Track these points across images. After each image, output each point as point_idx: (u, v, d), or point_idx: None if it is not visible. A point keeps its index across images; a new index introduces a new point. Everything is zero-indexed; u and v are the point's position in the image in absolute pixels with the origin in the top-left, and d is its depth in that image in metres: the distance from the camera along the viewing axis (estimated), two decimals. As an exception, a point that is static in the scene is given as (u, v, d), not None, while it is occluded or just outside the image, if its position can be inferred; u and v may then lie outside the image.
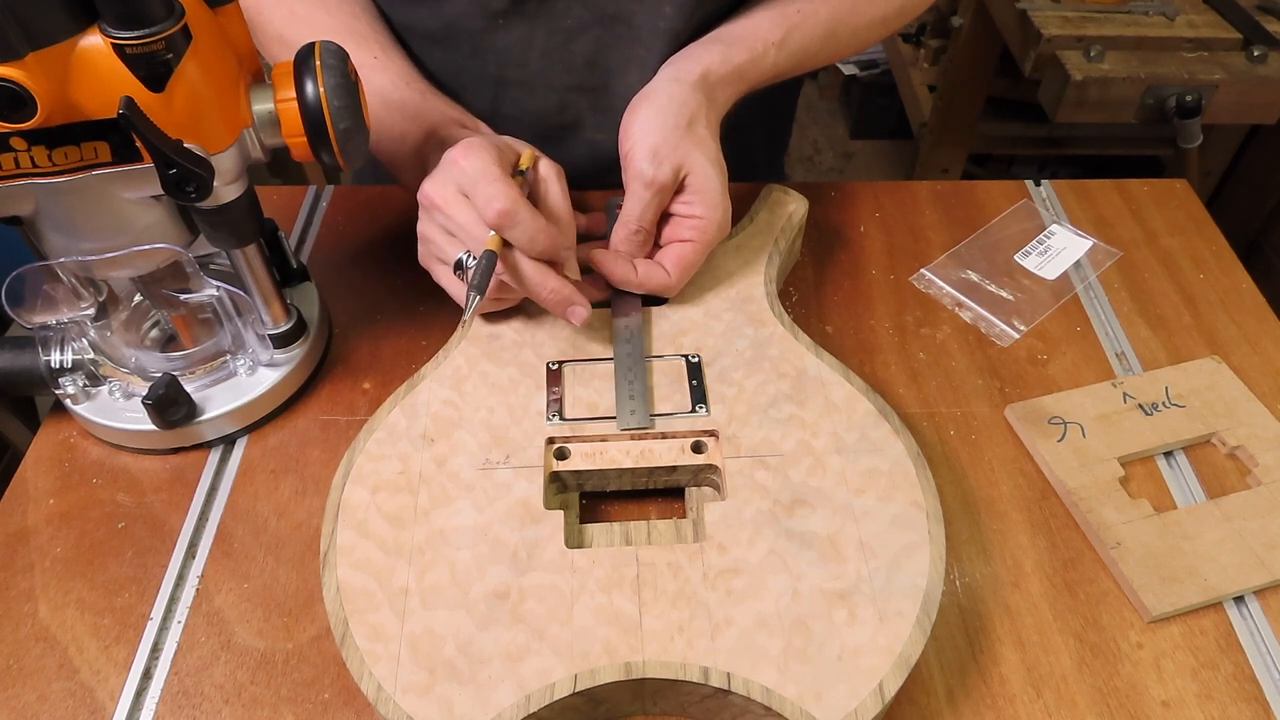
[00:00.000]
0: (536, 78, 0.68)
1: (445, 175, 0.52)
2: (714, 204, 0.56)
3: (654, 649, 0.42)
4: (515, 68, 0.67)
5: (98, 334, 0.54)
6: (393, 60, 0.62)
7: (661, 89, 0.58)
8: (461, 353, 0.54)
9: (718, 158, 0.57)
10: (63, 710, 0.45)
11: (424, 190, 0.53)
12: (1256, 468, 0.54)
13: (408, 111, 0.60)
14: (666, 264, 0.56)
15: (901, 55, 1.99)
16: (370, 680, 0.41)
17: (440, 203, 0.52)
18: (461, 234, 0.52)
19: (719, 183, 0.56)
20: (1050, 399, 0.57)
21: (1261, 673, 0.47)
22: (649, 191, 0.55)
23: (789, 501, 0.47)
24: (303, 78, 0.46)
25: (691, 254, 0.56)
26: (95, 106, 0.41)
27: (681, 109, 0.56)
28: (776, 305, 0.57)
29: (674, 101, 0.57)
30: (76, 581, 0.50)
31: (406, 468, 0.48)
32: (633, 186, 0.55)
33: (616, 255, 0.56)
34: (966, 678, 0.46)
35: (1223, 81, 1.20)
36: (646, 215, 0.56)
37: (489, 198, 0.49)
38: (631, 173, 0.55)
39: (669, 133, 0.55)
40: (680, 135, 0.56)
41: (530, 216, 0.50)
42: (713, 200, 0.56)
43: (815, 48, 0.63)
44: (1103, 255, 0.69)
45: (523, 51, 0.66)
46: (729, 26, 0.62)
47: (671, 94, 0.57)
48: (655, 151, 0.55)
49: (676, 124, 0.56)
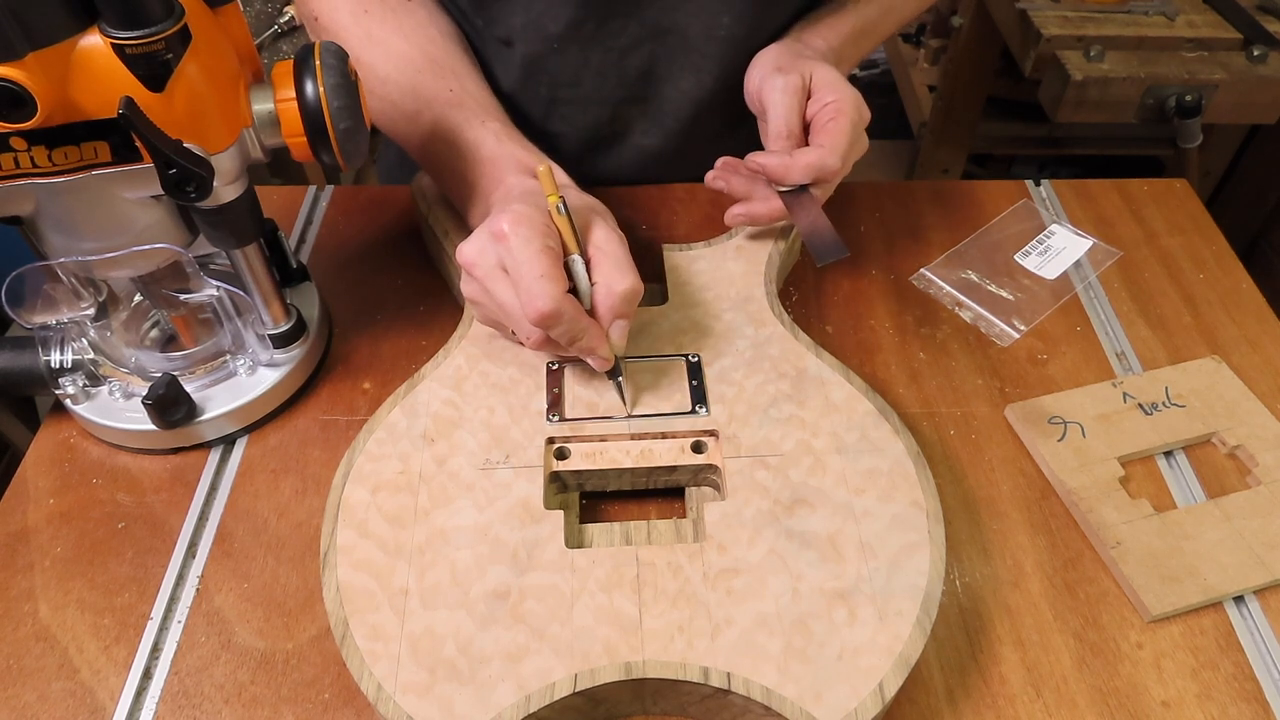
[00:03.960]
0: (590, 95, 0.68)
1: (489, 245, 0.48)
2: (843, 88, 0.58)
3: (654, 649, 0.42)
4: (567, 88, 0.67)
5: (98, 334, 0.54)
6: (468, 94, 0.60)
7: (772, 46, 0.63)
8: (461, 353, 0.54)
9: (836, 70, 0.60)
10: (63, 710, 0.45)
11: (463, 252, 0.49)
12: (1256, 468, 0.54)
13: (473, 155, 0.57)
14: (819, 141, 0.57)
15: (901, 55, 1.99)
16: (370, 680, 0.41)
17: (480, 275, 0.49)
18: (500, 313, 0.50)
19: (842, 77, 0.59)
20: (1050, 399, 0.57)
21: (1261, 673, 0.47)
22: (786, 95, 0.58)
23: (789, 501, 0.47)
24: (302, 78, 0.46)
25: (837, 128, 0.57)
26: (95, 106, 0.41)
27: (792, 46, 0.63)
28: (776, 305, 0.57)
29: (784, 45, 0.63)
30: (76, 581, 0.50)
31: (406, 468, 0.48)
32: (772, 98, 0.58)
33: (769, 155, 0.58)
34: (966, 678, 0.46)
35: (1223, 81, 1.20)
36: (792, 118, 0.58)
37: (532, 295, 0.46)
38: (765, 89, 0.59)
39: (785, 55, 0.61)
40: (795, 54, 0.61)
41: (574, 317, 0.47)
42: (841, 87, 0.58)
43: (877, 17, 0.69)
44: (1103, 255, 0.69)
45: (576, 72, 0.66)
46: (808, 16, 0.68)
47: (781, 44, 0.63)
48: (780, 66, 0.59)
49: (791, 52, 0.62)
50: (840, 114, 0.57)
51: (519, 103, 0.69)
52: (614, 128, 0.71)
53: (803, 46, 0.63)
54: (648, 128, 0.71)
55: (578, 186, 0.56)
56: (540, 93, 0.68)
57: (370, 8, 0.61)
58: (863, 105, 0.58)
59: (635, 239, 0.69)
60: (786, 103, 0.58)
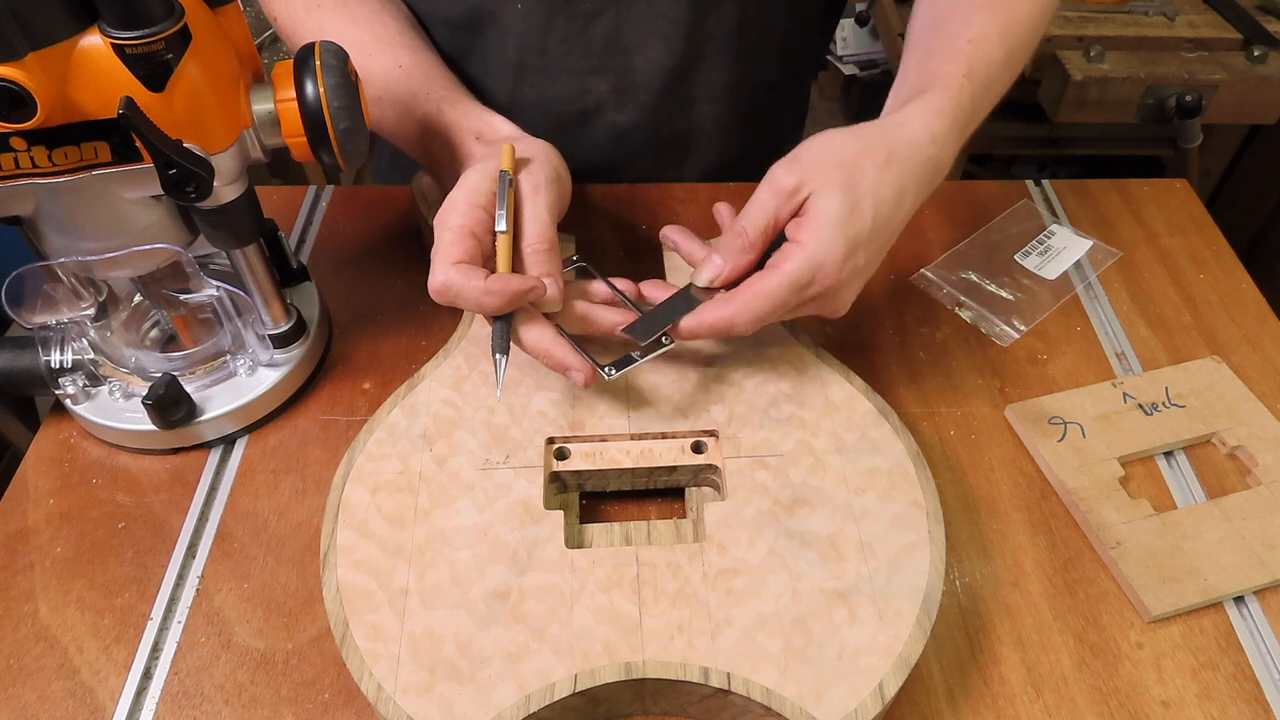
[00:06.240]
0: (555, 63, 0.67)
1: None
2: (819, 233, 0.46)
3: (654, 649, 0.42)
4: (534, 54, 0.67)
5: (98, 334, 0.54)
6: (418, 66, 0.60)
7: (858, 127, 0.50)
8: (461, 353, 0.54)
9: (860, 199, 0.47)
10: (63, 710, 0.45)
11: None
12: (1256, 468, 0.54)
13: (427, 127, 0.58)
14: (745, 291, 0.47)
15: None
16: (370, 680, 0.41)
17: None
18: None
19: (839, 217, 0.46)
20: (1050, 399, 0.57)
21: (1261, 673, 0.47)
22: (762, 188, 0.48)
23: (789, 501, 0.47)
24: (302, 78, 0.46)
25: (765, 283, 0.46)
26: (95, 106, 0.41)
27: (857, 140, 0.48)
28: (776, 305, 0.57)
29: (855, 133, 0.49)
30: (76, 581, 0.49)
31: (406, 468, 0.48)
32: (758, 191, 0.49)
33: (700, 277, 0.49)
34: (966, 678, 0.46)
35: (1223, 81, 1.20)
36: (751, 214, 0.48)
37: (430, 277, 0.46)
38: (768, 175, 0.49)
39: (820, 150, 0.48)
40: (829, 157, 0.48)
41: (465, 284, 0.45)
42: (819, 229, 0.46)
43: (998, 72, 0.54)
44: (1103, 255, 0.69)
45: (541, 37, 0.66)
46: (903, 80, 0.55)
47: (863, 130, 0.49)
48: (795, 159, 0.48)
49: (836, 147, 0.48)
50: (783, 268, 0.46)
51: (491, 72, 0.69)
52: (583, 102, 0.70)
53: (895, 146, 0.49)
54: (622, 102, 0.70)
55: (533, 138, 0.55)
56: (509, 57, 0.67)
57: (322, 2, 0.62)
58: (834, 267, 0.46)
59: (635, 239, 0.69)
60: (758, 197, 0.48)
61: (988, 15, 0.55)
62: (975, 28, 0.54)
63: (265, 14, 0.65)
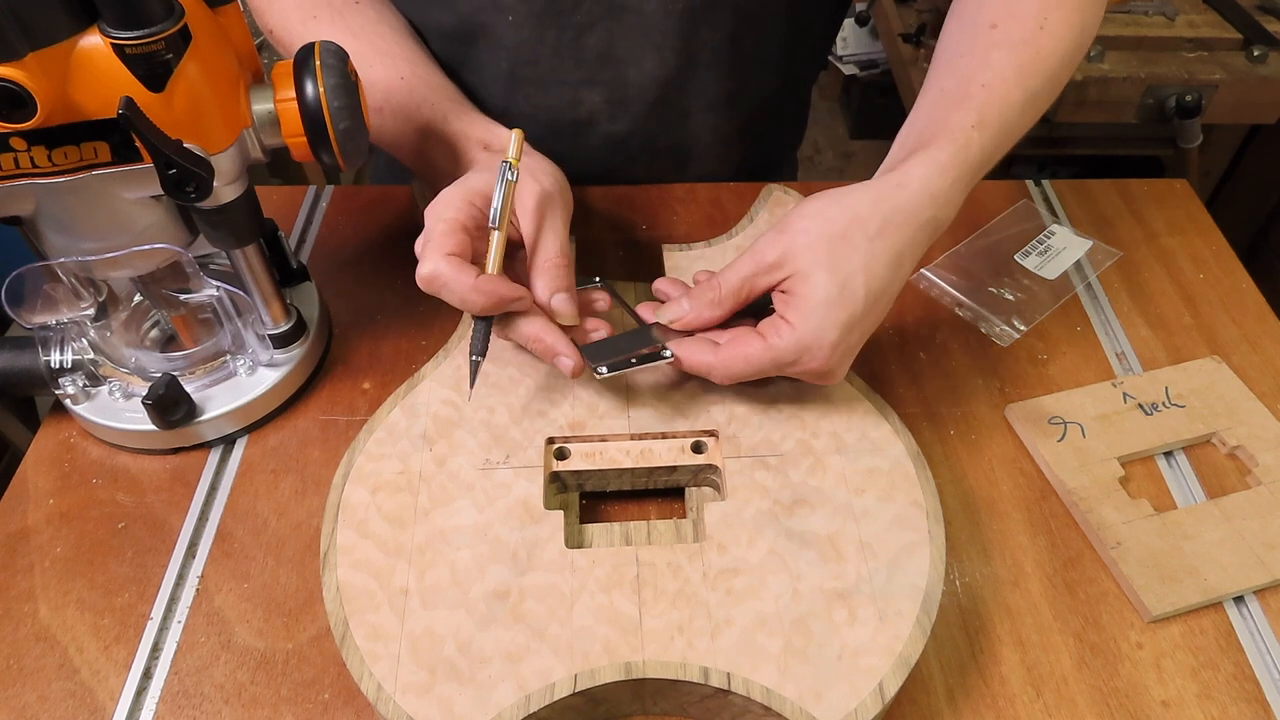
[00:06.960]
0: (547, 74, 0.67)
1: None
2: (807, 316, 0.46)
3: (654, 649, 0.42)
4: (527, 65, 0.67)
5: (98, 334, 0.54)
6: (419, 77, 0.60)
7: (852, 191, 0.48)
8: (461, 353, 0.54)
9: (850, 277, 0.46)
10: (63, 710, 0.45)
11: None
12: (1256, 468, 0.54)
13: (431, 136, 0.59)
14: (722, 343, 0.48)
15: (901, 55, 1.98)
16: (370, 680, 0.41)
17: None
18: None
19: (826, 299, 0.45)
20: (1050, 399, 0.57)
21: (1261, 673, 0.47)
22: (745, 255, 0.48)
23: (789, 501, 0.47)
24: (302, 78, 0.46)
25: (749, 349, 0.47)
26: (95, 106, 0.41)
27: (848, 210, 0.47)
28: (776, 305, 0.57)
29: (848, 200, 0.48)
30: (76, 581, 0.50)
31: (406, 468, 0.48)
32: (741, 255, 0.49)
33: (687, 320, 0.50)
34: (966, 678, 0.46)
35: (1223, 81, 1.20)
36: (727, 275, 0.48)
37: (420, 265, 0.46)
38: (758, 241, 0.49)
39: (809, 221, 0.47)
40: (816, 230, 0.47)
41: (454, 278, 0.45)
42: (807, 312, 0.46)
43: (1015, 116, 0.52)
44: (1103, 255, 0.69)
45: (533, 48, 0.66)
46: (911, 127, 0.53)
47: (856, 196, 0.48)
48: (782, 230, 0.48)
49: (826, 217, 0.47)
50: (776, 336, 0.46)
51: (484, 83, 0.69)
52: (576, 113, 0.70)
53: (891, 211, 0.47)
54: (616, 113, 0.70)
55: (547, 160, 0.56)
56: (502, 67, 0.67)
57: (319, 13, 0.61)
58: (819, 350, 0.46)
59: (635, 239, 0.69)
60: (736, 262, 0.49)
61: (1006, 55, 0.52)
62: (991, 69, 0.51)
63: (260, 26, 0.65)
